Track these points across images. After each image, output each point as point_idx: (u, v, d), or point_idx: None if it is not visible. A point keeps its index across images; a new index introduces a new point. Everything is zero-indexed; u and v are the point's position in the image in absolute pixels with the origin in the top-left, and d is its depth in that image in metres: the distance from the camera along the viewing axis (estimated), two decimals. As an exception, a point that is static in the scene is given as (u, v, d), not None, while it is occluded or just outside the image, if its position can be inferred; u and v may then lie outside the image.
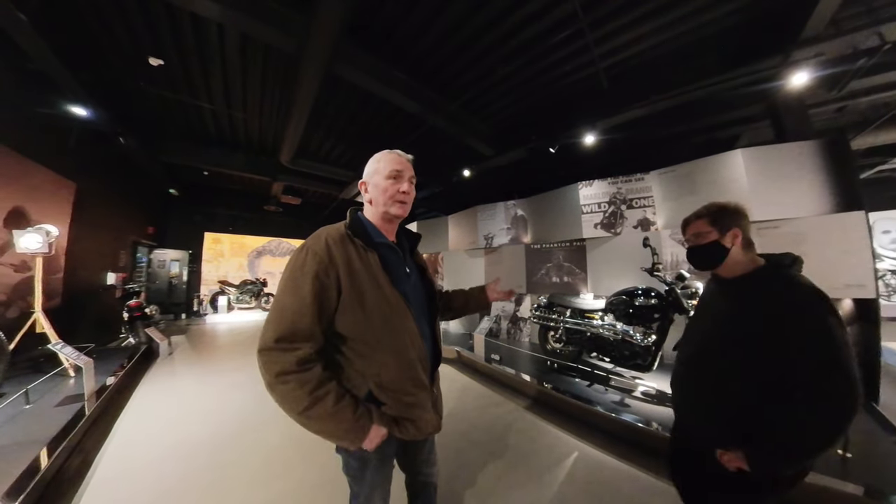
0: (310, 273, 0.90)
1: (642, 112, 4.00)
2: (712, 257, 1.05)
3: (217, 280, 9.78)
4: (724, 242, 1.03)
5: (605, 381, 3.46)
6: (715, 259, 1.05)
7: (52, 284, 4.41)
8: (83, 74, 3.91)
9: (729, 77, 3.43)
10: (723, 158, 3.76)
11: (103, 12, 3.36)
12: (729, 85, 3.46)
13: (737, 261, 1.03)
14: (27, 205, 4.09)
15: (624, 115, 4.12)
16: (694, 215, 1.11)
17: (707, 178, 3.92)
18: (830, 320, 0.84)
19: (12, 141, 3.82)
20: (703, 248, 1.07)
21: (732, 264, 1.04)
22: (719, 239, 1.03)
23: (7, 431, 2.34)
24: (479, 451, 2.39)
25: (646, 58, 3.75)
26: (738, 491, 0.97)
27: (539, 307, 4.54)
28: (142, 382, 3.81)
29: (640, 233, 4.43)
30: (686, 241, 1.14)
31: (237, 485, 2.02)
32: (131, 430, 2.70)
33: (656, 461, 2.16)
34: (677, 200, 4.19)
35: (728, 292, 1.06)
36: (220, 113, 5.53)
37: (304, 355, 0.87)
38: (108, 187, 6.15)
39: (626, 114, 4.10)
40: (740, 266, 1.04)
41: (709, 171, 3.90)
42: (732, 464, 0.94)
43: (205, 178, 8.67)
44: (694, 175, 4.03)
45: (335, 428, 0.88)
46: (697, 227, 1.08)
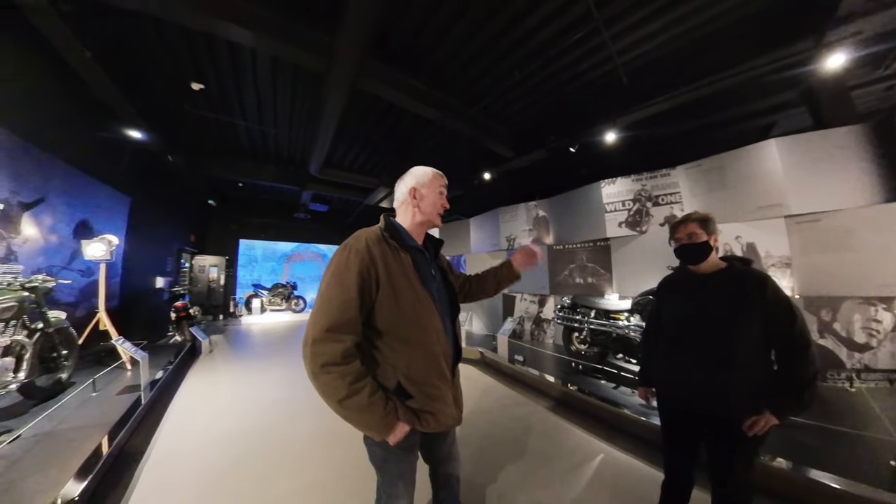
0: (353, 269, 0.98)
1: (666, 106, 3.87)
2: (702, 254, 1.31)
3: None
4: (711, 243, 1.29)
5: (632, 384, 3.36)
6: (703, 256, 1.31)
7: (111, 287, 4.91)
8: (136, 101, 4.35)
9: (758, 64, 3.24)
10: (755, 149, 3.56)
11: (152, 45, 3.75)
12: (758, 72, 3.27)
13: (712, 260, 1.32)
14: (92, 218, 4.63)
15: (646, 110, 4.01)
16: (686, 220, 1.34)
17: (739, 170, 3.72)
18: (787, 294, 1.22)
19: (79, 163, 4.35)
20: (696, 246, 1.31)
21: (710, 262, 1.32)
22: (708, 240, 1.29)
23: (79, 415, 2.67)
24: (502, 449, 2.41)
25: (666, 50, 3.61)
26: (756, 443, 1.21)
27: (563, 308, 4.48)
28: (187, 377, 4.13)
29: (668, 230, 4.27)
30: (676, 239, 1.36)
31: (276, 472, 2.16)
32: (179, 419, 2.94)
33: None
34: (707, 195, 4.00)
35: (712, 284, 1.31)
36: (253, 129, 5.93)
37: (347, 348, 0.94)
38: (157, 200, 6.77)
39: (649, 109, 3.99)
40: (712, 264, 1.33)
41: (740, 164, 3.71)
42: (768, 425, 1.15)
43: (239, 190, 9.28)
44: (724, 168, 3.84)
45: (367, 419, 0.96)
46: (692, 228, 1.31)
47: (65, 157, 4.07)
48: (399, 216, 1.20)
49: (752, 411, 1.18)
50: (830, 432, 2.36)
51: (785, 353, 1.20)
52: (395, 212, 1.23)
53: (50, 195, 3.90)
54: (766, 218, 3.57)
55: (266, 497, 1.93)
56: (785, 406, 1.17)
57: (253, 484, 2.04)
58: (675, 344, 1.39)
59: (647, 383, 1.62)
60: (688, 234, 1.31)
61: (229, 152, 6.97)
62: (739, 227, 3.74)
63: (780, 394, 1.18)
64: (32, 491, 1.78)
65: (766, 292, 1.19)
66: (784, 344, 1.19)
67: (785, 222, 3.45)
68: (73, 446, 2.20)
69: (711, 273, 1.32)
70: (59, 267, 4.05)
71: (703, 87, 3.56)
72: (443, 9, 3.19)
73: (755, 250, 3.64)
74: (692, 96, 3.68)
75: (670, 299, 1.47)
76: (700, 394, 1.28)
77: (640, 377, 1.68)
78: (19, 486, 1.82)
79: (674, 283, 1.49)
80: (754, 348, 1.21)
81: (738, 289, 1.24)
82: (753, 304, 1.20)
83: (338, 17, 3.07)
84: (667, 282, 1.54)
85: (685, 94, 3.68)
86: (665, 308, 1.48)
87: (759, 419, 1.16)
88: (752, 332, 1.20)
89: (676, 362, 1.37)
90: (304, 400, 3.35)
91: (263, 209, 10.89)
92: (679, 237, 1.33)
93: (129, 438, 2.44)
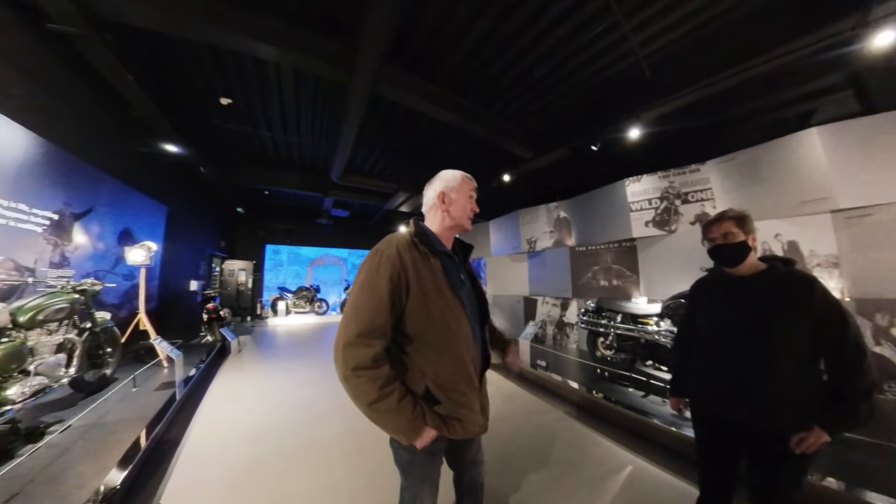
0: (385, 275, 0.98)
1: (693, 98, 3.66)
2: (739, 255, 1.21)
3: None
4: (749, 243, 1.20)
5: (663, 393, 3.19)
6: (741, 257, 1.21)
7: (150, 290, 5.24)
8: (172, 117, 4.65)
9: (794, 48, 2.97)
10: (794, 140, 3.33)
11: (184, 64, 4.00)
12: (795, 56, 3.00)
13: (750, 261, 1.22)
14: (133, 226, 5.00)
15: (672, 103, 3.81)
16: (721, 218, 1.25)
17: (777, 163, 3.49)
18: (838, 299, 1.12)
19: (123, 175, 4.71)
20: (733, 246, 1.21)
21: (748, 264, 1.22)
22: (745, 240, 1.20)
23: (120, 409, 2.86)
24: (525, 457, 2.34)
25: (692, 39, 3.42)
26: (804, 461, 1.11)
27: (587, 312, 4.34)
28: (217, 375, 4.32)
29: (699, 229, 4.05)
30: (710, 239, 1.26)
31: (300, 471, 2.20)
32: (210, 415, 3.08)
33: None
34: (741, 191, 3.77)
35: (752, 287, 1.21)
36: (278, 139, 6.19)
37: (378, 353, 0.95)
38: (190, 209, 7.23)
39: (675, 102, 3.78)
40: (751, 266, 1.23)
41: (778, 156, 3.47)
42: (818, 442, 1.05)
43: (266, 197, 9.69)
44: (759, 161, 3.61)
45: (395, 422, 0.97)
46: (727, 227, 1.21)
47: (110, 171, 4.42)
48: (428, 220, 1.20)
49: (799, 426, 1.08)
50: (888, 450, 2.15)
51: (836, 362, 1.10)
52: (422, 216, 1.23)
53: (97, 206, 4.23)
54: (809, 214, 3.31)
55: (290, 494, 1.96)
56: (837, 421, 1.08)
57: (278, 480, 2.09)
58: (711, 352, 1.30)
59: (679, 393, 1.51)
60: (723, 234, 1.22)
61: (256, 162, 7.30)
62: (779, 224, 3.49)
63: (831, 408, 1.08)
64: (80, 477, 1.91)
65: (812, 295, 1.09)
66: (835, 352, 1.09)
67: (831, 218, 3.19)
68: (115, 437, 2.35)
69: (750, 275, 1.23)
70: (104, 271, 4.37)
71: (734, 76, 3.33)
72: (459, 11, 3.20)
73: (797, 249, 3.38)
74: (722, 86, 3.45)
75: (705, 303, 1.38)
76: (740, 406, 1.18)
77: (671, 387, 1.57)
78: (70, 473, 1.95)
79: (709, 286, 1.40)
80: (801, 357, 1.11)
81: (781, 292, 1.15)
82: (799, 308, 1.10)
83: (356, 28, 3.16)
84: (701, 285, 1.44)
85: (714, 85, 3.46)
86: (699, 313, 1.39)
87: (809, 435, 1.06)
88: (798, 340, 1.10)
89: (713, 371, 1.28)
90: (328, 401, 3.42)
91: (288, 215, 11.32)
92: (713, 237, 1.25)
93: (164, 432, 2.57)
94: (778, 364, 1.11)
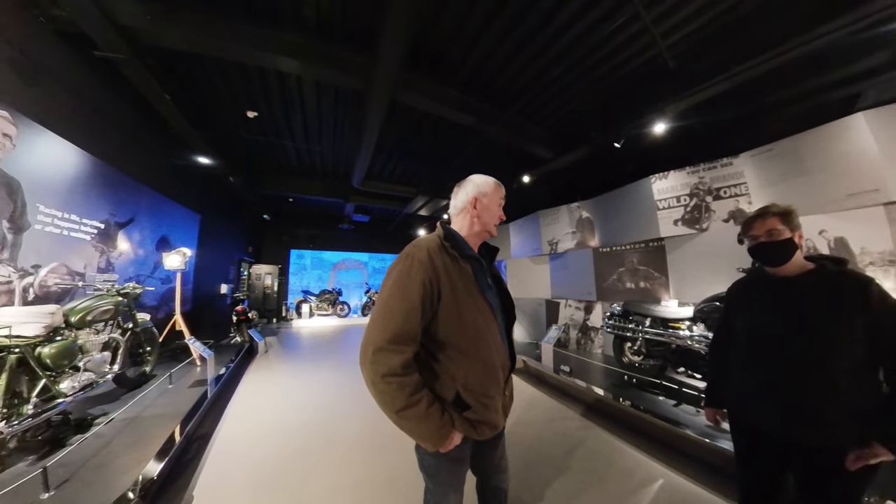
0: (417, 279, 0.96)
1: (722, 87, 3.43)
2: (785, 254, 1.12)
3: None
4: (795, 240, 1.11)
5: (696, 402, 3.00)
6: (786, 256, 1.12)
7: (185, 293, 5.56)
8: (203, 131, 4.93)
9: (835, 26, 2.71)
10: (839, 127, 3.06)
11: (214, 81, 4.25)
12: (836, 35, 2.73)
13: (797, 260, 1.13)
14: (170, 233, 5.35)
15: (699, 94, 3.60)
16: (764, 214, 1.16)
17: (819, 152, 3.23)
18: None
19: (160, 186, 5.05)
20: (777, 244, 1.12)
21: (794, 263, 1.13)
22: (791, 237, 1.11)
23: (158, 404, 3.05)
24: (549, 466, 2.26)
25: (720, 24, 3.20)
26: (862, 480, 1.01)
27: (612, 316, 4.17)
28: (245, 374, 4.51)
29: (734, 227, 3.80)
30: (751, 237, 1.18)
31: (323, 470, 2.24)
32: (239, 413, 3.20)
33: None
34: (779, 184, 3.51)
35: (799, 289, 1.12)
36: (300, 148, 6.42)
37: (408, 359, 0.94)
38: (221, 216, 7.64)
39: (703, 93, 3.57)
40: (797, 265, 1.14)
41: (821, 145, 3.21)
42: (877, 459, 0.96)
43: (290, 204, 10.07)
44: (800, 151, 3.35)
45: (423, 430, 0.95)
46: (772, 223, 1.13)
47: (149, 183, 4.75)
48: (455, 224, 1.18)
49: (857, 442, 0.98)
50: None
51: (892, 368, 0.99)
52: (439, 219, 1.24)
53: (138, 215, 4.54)
54: (859, 207, 3.03)
55: (313, 493, 2.00)
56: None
57: (302, 479, 2.14)
58: (752, 359, 1.20)
59: (716, 403, 1.41)
60: (767, 231, 1.13)
61: (280, 171, 7.61)
62: (824, 219, 3.21)
63: (893, 423, 0.97)
64: (122, 467, 2.04)
65: (869, 298, 0.99)
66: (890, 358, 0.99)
67: (885, 211, 2.90)
68: (153, 431, 2.50)
69: (796, 276, 1.13)
70: (145, 276, 4.68)
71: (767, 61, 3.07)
72: (475, 13, 3.20)
73: (847, 246, 3.09)
74: (753, 73, 3.19)
75: (745, 306, 1.28)
76: (788, 418, 1.08)
77: (707, 396, 1.47)
78: (113, 463, 2.09)
79: (748, 288, 1.30)
80: (857, 365, 1.01)
81: (832, 294, 1.06)
82: (853, 312, 1.01)
83: (374, 38, 3.22)
84: (740, 286, 1.34)
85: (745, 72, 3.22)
86: (738, 317, 1.28)
87: (867, 452, 0.96)
88: (852, 346, 1.01)
89: (754, 380, 1.18)
90: (349, 401, 3.48)
91: (311, 221, 11.70)
92: (756, 234, 1.16)
93: (196, 428, 2.69)
94: (830, 373, 1.01)
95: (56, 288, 3.19)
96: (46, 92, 3.12)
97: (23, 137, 2.79)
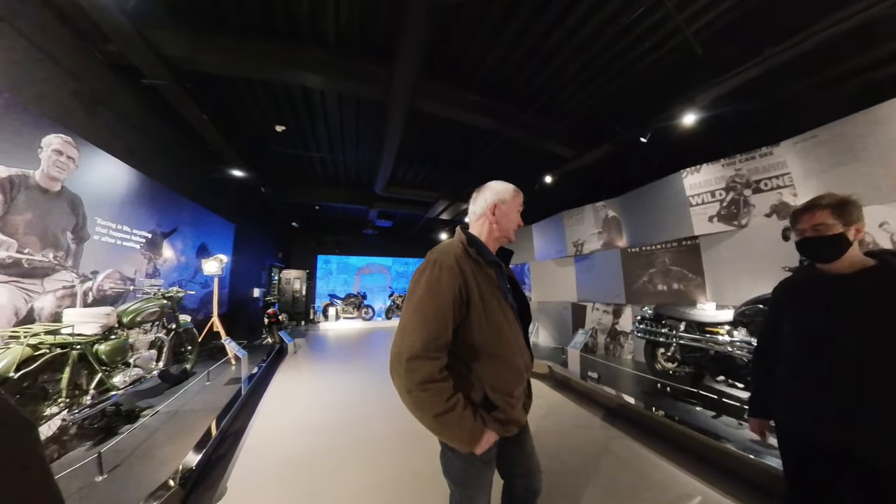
0: (447, 286, 0.98)
1: (757, 71, 3.16)
2: (834, 250, 1.04)
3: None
4: (848, 236, 1.01)
5: (738, 413, 2.76)
6: (837, 252, 1.03)
7: (222, 297, 5.96)
8: (236, 146, 5.28)
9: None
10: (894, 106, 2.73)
11: (244, 100, 4.56)
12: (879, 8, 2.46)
13: (853, 256, 1.03)
14: (208, 241, 5.77)
15: (731, 80, 3.34)
16: (813, 206, 1.07)
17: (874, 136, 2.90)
18: None
19: (199, 198, 5.46)
20: (826, 239, 1.03)
21: (849, 259, 1.03)
22: (844, 232, 1.01)
23: (197, 400, 3.26)
24: (576, 477, 2.17)
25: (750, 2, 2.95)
26: None
27: (643, 319, 3.96)
28: (276, 373, 4.72)
29: (777, 221, 3.49)
30: (798, 231, 1.10)
31: (349, 469, 2.30)
32: (270, 410, 3.35)
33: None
34: (828, 173, 3.19)
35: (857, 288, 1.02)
36: (325, 158, 6.70)
37: (443, 364, 0.96)
38: (253, 225, 8.14)
39: (736, 78, 3.31)
40: (855, 262, 1.04)
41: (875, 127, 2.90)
42: None
43: (316, 212, 10.50)
44: (850, 136, 3.03)
45: (460, 432, 0.95)
46: (821, 217, 1.04)
47: (189, 195, 5.16)
48: (474, 229, 1.19)
49: None
50: None
51: None
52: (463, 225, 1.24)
53: (181, 225, 4.92)
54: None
55: (339, 492, 2.04)
56: None
57: (329, 477, 2.20)
58: (802, 364, 1.11)
59: (761, 413, 1.29)
60: (813, 226, 1.04)
61: (307, 180, 7.98)
62: (884, 210, 2.87)
63: None
64: (165, 457, 2.19)
65: None
66: None
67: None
68: (192, 424, 2.67)
69: (853, 273, 1.04)
70: (186, 280, 5.05)
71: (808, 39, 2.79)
72: (489, 15, 3.20)
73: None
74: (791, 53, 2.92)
75: (793, 307, 1.18)
76: (847, 432, 0.98)
77: (751, 406, 1.35)
78: (157, 453, 2.26)
79: (797, 288, 1.20)
80: None
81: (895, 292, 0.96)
82: None
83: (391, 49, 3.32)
84: (786, 286, 1.24)
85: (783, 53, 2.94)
86: (785, 319, 1.18)
87: None
88: None
89: (805, 387, 1.09)
90: (374, 402, 3.55)
91: (337, 228, 12.14)
92: (802, 228, 1.08)
93: (231, 423, 2.85)
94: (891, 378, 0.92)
95: (110, 291, 3.51)
96: (102, 118, 3.49)
97: (83, 159, 3.12)
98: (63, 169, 2.91)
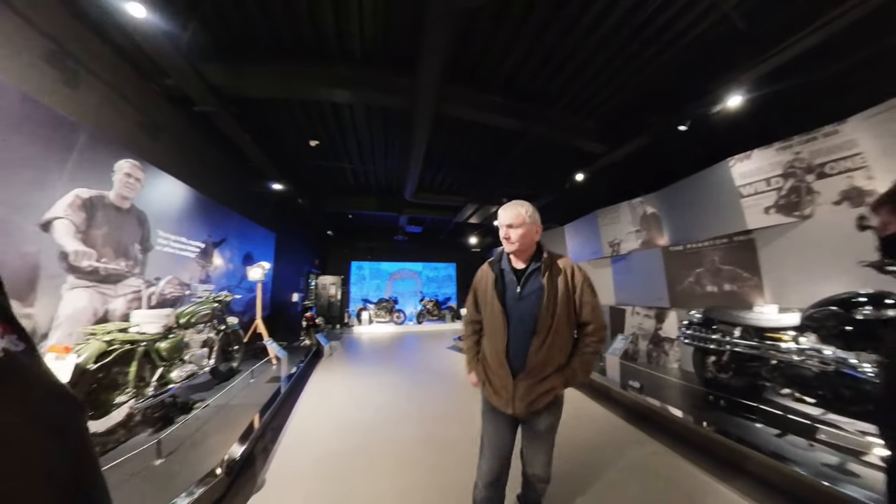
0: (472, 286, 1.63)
1: (813, 40, 2.79)
2: None
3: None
4: None
5: (808, 433, 2.41)
6: None
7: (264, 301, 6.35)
8: (275, 161, 5.69)
9: None
10: None
11: (281, 119, 4.91)
12: None
13: None
14: (253, 250, 6.26)
15: (781, 54, 2.98)
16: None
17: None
18: None
19: (244, 211, 5.96)
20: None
21: None
22: None
23: (242, 395, 3.49)
24: (621, 496, 2.03)
25: None
26: None
27: (691, 324, 3.62)
28: (313, 374, 4.94)
29: (849, 210, 3.04)
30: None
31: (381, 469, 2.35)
32: (307, 409, 3.51)
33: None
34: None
35: None
36: (356, 169, 7.00)
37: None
38: (292, 234, 8.69)
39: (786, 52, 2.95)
40: None
41: None
42: None
43: (349, 220, 10.97)
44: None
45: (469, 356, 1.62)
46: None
47: (236, 208, 5.66)
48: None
49: None
50: None
51: None
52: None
53: (229, 236, 5.38)
54: None
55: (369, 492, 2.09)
56: None
57: (361, 477, 2.26)
58: None
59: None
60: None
61: (340, 190, 8.38)
62: None
63: None
64: (214, 446, 2.37)
65: None
66: None
67: None
68: (237, 418, 2.86)
69: None
70: (233, 286, 5.48)
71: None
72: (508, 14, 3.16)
73: None
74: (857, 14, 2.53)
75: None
76: None
77: None
78: (207, 442, 2.45)
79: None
80: None
81: None
82: None
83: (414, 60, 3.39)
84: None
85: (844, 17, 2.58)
86: None
87: None
88: None
89: None
90: (405, 406, 3.60)
91: (369, 235, 12.59)
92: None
93: (271, 419, 3.03)
94: None
95: (170, 295, 3.91)
96: (162, 143, 3.95)
97: (147, 180, 3.54)
98: (132, 189, 3.32)
